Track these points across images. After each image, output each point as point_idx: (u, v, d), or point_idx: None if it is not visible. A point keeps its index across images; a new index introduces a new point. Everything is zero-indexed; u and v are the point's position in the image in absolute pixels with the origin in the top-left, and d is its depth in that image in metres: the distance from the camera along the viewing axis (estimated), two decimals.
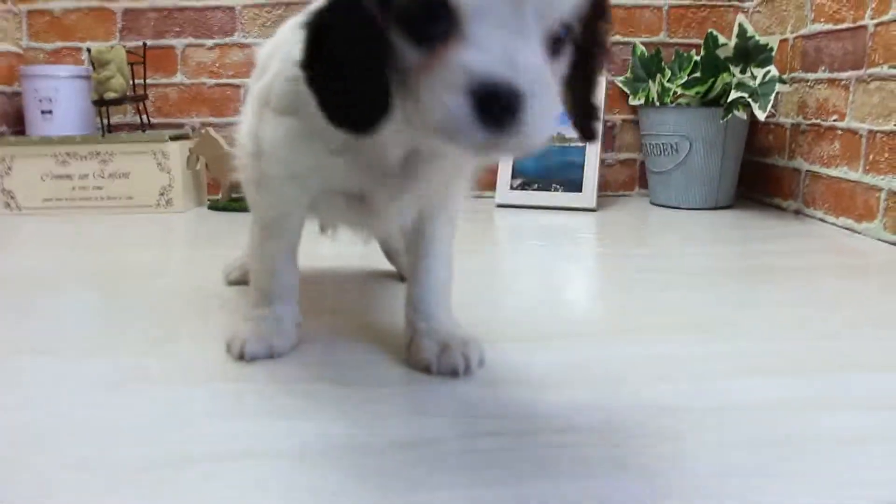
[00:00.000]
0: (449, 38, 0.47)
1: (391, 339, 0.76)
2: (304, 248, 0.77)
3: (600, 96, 0.60)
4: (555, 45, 0.50)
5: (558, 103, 0.52)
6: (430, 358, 0.69)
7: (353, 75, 0.52)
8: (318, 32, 0.53)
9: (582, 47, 0.55)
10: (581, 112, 0.60)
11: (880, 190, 1.28)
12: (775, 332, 0.80)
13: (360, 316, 0.87)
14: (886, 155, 1.27)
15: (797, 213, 1.56)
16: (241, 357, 0.71)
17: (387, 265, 1.04)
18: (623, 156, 1.85)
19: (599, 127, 0.65)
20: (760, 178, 1.73)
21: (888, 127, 1.26)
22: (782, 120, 1.63)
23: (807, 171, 1.53)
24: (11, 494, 0.47)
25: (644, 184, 1.79)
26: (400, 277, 1.00)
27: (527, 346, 0.76)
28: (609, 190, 1.85)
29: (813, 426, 0.57)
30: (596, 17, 0.55)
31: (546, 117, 0.48)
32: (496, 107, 0.45)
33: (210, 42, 1.80)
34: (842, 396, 0.63)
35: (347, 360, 0.72)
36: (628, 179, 1.86)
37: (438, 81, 0.47)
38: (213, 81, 1.81)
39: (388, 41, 0.50)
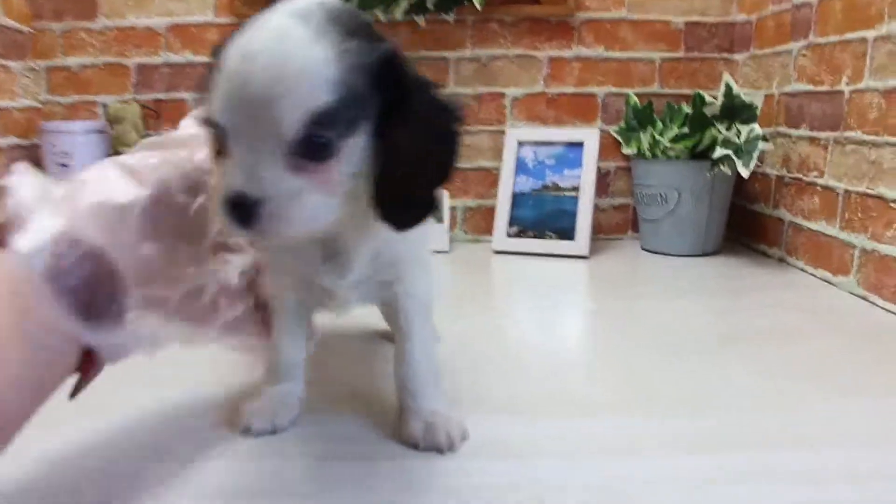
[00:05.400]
0: (224, 151, 0.59)
1: (386, 410, 0.83)
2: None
3: (424, 190, 0.65)
4: (315, 150, 0.59)
5: (312, 202, 0.60)
6: (416, 435, 0.76)
7: None
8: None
9: (390, 150, 0.62)
10: (385, 205, 0.64)
11: (854, 247, 1.35)
12: (742, 408, 0.87)
13: (358, 384, 0.94)
14: (860, 214, 1.34)
15: (781, 260, 1.63)
16: (247, 432, 0.79)
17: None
18: (617, 201, 1.92)
19: (413, 219, 0.66)
20: (748, 224, 1.80)
21: (861, 188, 1.33)
22: (768, 171, 1.70)
23: (790, 221, 1.60)
24: None
25: (637, 228, 1.86)
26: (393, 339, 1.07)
27: (507, 418, 0.83)
28: (603, 233, 1.92)
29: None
30: (396, 122, 0.61)
31: (285, 215, 0.58)
32: (235, 212, 0.58)
33: None
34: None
35: (343, 433, 0.79)
36: (622, 223, 1.93)
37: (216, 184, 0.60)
38: None
39: None
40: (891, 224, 1.25)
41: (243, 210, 0.57)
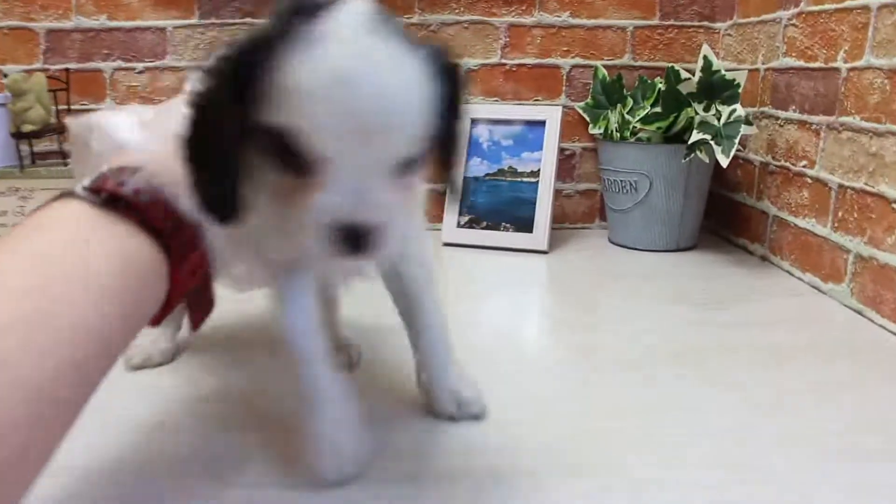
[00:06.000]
0: (311, 173, 0.52)
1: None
2: None
3: (459, 166, 0.72)
4: (407, 166, 0.55)
5: (405, 221, 0.58)
6: (450, 409, 0.78)
7: (198, 169, 0.54)
8: (193, 119, 0.54)
9: (447, 140, 0.61)
10: (451, 187, 0.66)
11: (848, 252, 1.17)
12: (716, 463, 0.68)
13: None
14: (856, 214, 1.15)
15: (763, 259, 1.45)
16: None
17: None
18: (583, 186, 1.73)
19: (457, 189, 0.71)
20: (727, 215, 1.61)
21: (858, 184, 1.15)
22: (751, 156, 1.51)
23: (774, 215, 1.41)
24: None
25: (605, 216, 1.67)
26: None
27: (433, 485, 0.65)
28: (567, 222, 1.73)
29: None
30: (451, 114, 0.59)
31: (393, 239, 0.55)
32: (350, 240, 0.53)
33: (140, 65, 1.67)
34: None
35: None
36: (588, 211, 1.74)
37: (306, 213, 0.53)
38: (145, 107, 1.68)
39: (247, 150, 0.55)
40: (892, 228, 1.06)
41: (356, 237, 0.53)
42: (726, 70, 1.39)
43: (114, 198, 0.51)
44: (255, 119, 0.52)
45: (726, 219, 1.62)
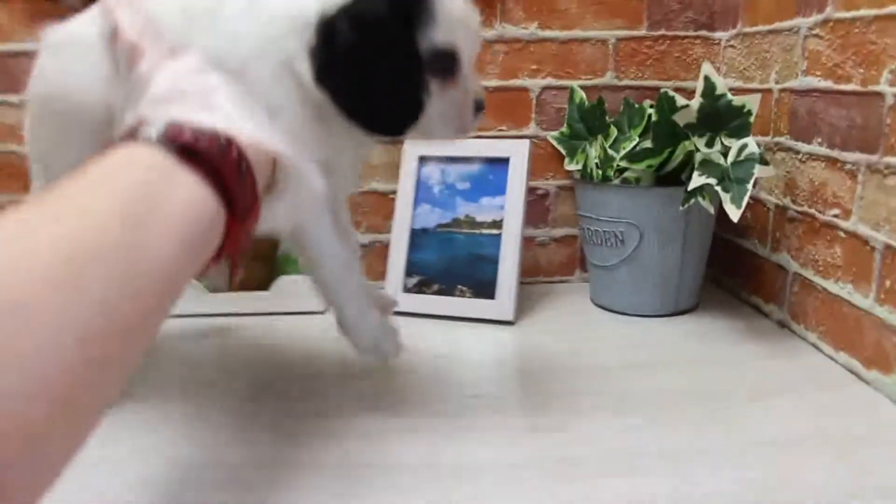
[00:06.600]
0: (452, 75, 0.77)
1: None
2: None
3: None
4: None
5: None
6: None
7: (395, 89, 0.73)
8: (352, 51, 0.69)
9: None
10: None
11: None
12: None
13: None
14: None
15: (781, 325, 1.16)
16: None
17: None
18: (559, 232, 1.43)
19: None
20: (734, 266, 1.32)
21: None
22: (763, 196, 1.22)
23: (795, 273, 1.12)
24: None
25: (586, 266, 1.38)
26: None
27: None
28: (542, 275, 1.44)
29: None
30: None
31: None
32: (479, 113, 0.80)
33: (16, 98, 1.38)
34: None
35: None
36: (567, 262, 1.45)
37: (456, 100, 0.78)
38: (24, 150, 1.39)
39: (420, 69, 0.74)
40: None
41: (480, 108, 0.80)
42: (733, 93, 1.10)
43: (188, 149, 0.50)
44: (424, 40, 0.72)
45: (733, 270, 1.33)
